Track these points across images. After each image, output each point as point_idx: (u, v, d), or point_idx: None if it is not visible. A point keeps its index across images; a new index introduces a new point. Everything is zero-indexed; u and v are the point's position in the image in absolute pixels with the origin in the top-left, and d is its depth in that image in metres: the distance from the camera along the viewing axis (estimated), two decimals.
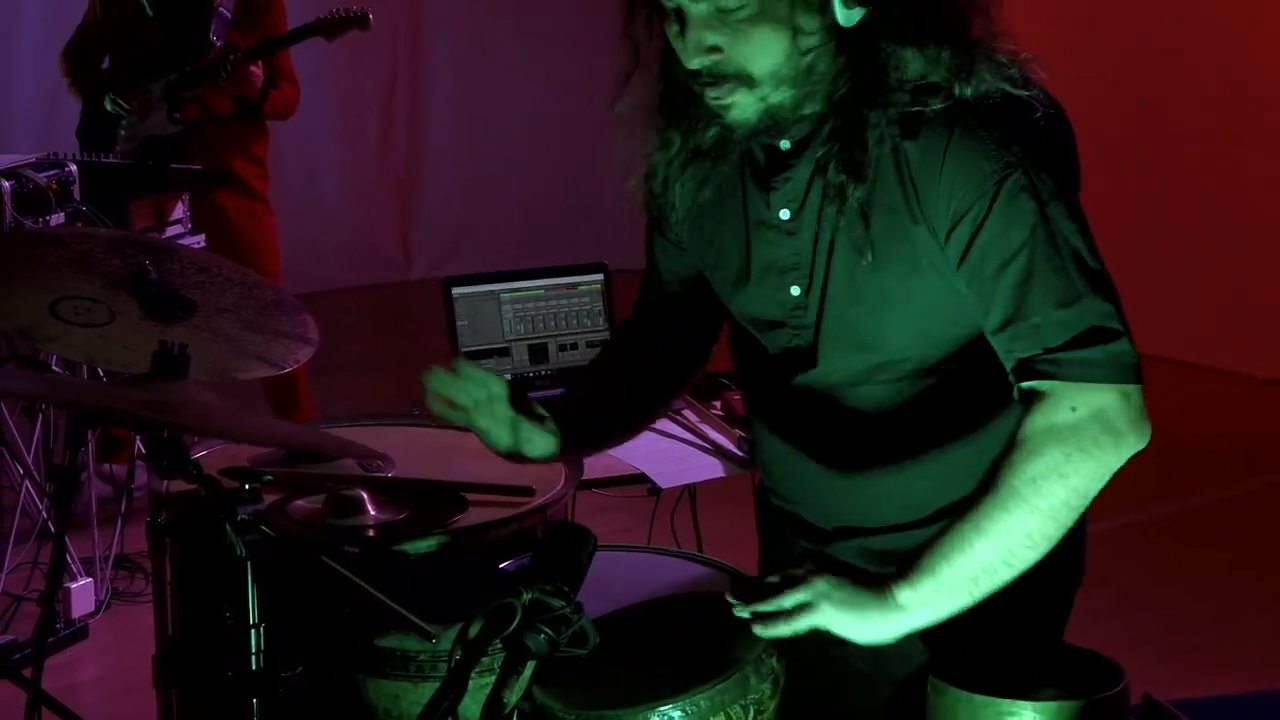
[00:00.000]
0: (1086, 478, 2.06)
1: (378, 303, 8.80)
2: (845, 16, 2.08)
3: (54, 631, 4.55)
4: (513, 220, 9.03)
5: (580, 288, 3.79)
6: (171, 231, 5.16)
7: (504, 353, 3.70)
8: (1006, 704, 1.98)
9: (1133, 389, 2.08)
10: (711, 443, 3.38)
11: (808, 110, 2.15)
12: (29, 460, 4.82)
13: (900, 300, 2.17)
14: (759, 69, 2.10)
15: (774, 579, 2.14)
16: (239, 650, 2.32)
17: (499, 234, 8.93)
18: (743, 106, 2.13)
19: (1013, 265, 2.09)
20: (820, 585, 2.09)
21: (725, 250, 2.30)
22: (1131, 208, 7.07)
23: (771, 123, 2.15)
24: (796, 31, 2.09)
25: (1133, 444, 2.08)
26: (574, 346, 3.74)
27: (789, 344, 2.26)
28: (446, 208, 9.14)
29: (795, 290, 2.23)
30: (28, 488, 4.88)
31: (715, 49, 2.11)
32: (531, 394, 2.35)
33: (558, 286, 3.77)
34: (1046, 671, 2.12)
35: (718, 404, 3.53)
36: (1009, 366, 2.12)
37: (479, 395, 2.28)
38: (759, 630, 2.09)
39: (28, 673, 2.71)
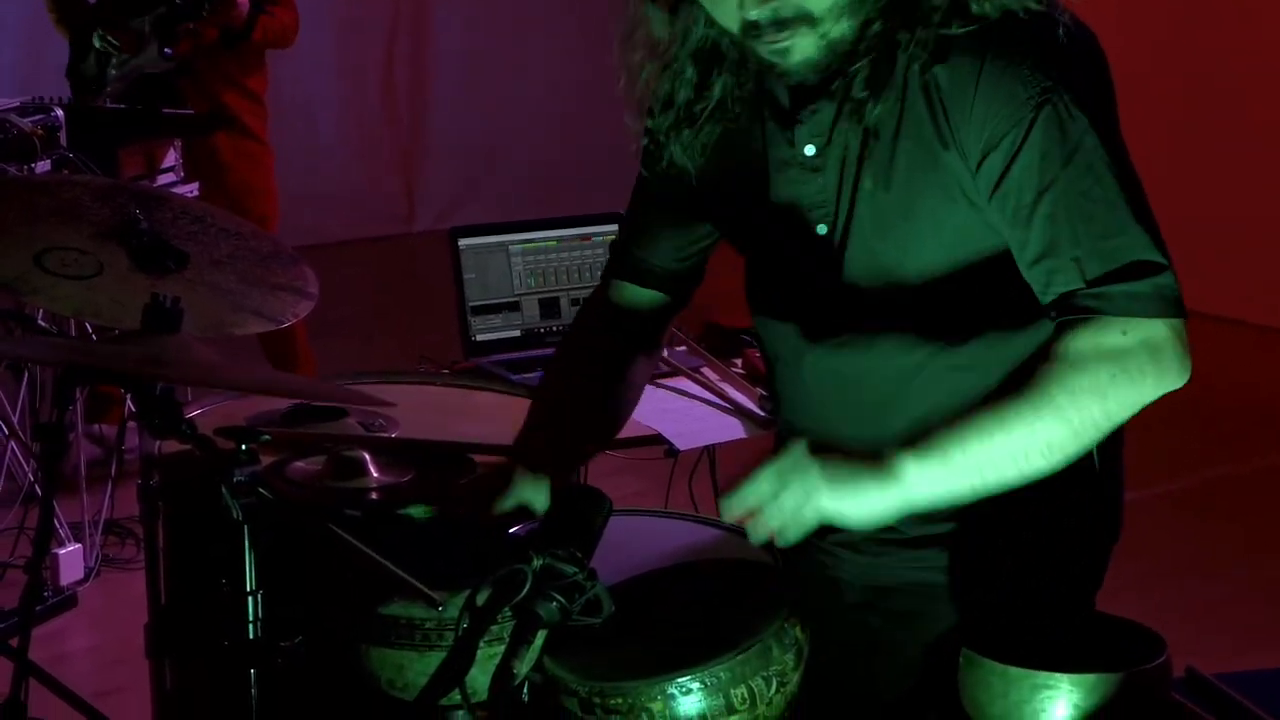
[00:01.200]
0: (1123, 402, 2.08)
1: (380, 256, 8.81)
2: None
3: (42, 600, 4.57)
4: (523, 168, 9.02)
5: (595, 239, 3.79)
6: (163, 179, 5.17)
7: (513, 307, 3.70)
8: (1042, 676, 1.99)
9: (1179, 323, 2.10)
10: (732, 402, 3.38)
11: (866, 39, 2.15)
12: (14, 420, 4.83)
13: (930, 231, 2.17)
14: (819, 6, 2.10)
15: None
16: (235, 619, 2.33)
17: (508, 183, 8.93)
18: (804, 48, 2.13)
19: (1048, 196, 2.08)
20: (805, 460, 2.06)
21: (741, 195, 2.30)
22: (1167, 155, 7.04)
23: (832, 58, 2.15)
24: None
25: (1174, 379, 2.10)
26: None
27: (813, 284, 2.26)
28: (453, 155, 9.14)
29: (822, 229, 2.23)
30: (13, 448, 4.89)
31: None
32: (539, 351, 2.34)
33: (571, 238, 3.77)
34: (1084, 642, 2.12)
35: (739, 362, 3.53)
36: (1046, 300, 2.12)
37: None
38: (751, 535, 2.08)
39: (14, 643, 2.72)
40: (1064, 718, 1.98)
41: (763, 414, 3.30)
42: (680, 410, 3.32)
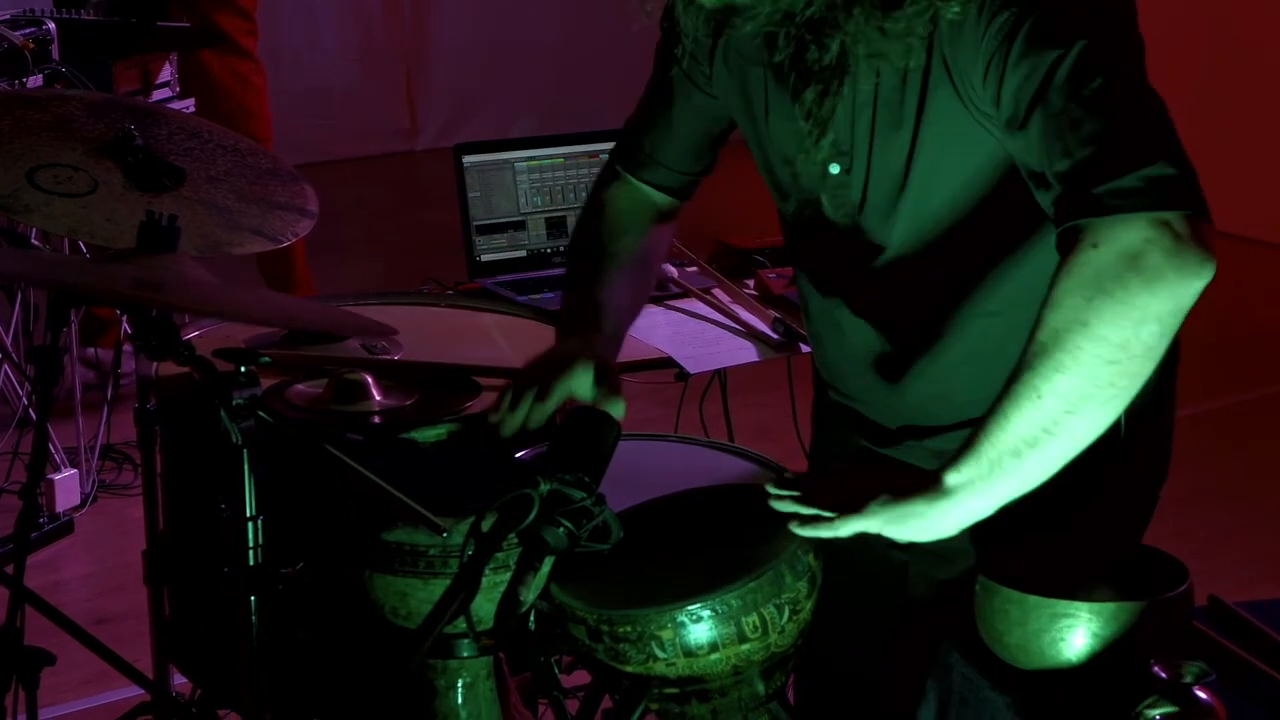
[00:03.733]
0: (1114, 325, 1.92)
1: (381, 174, 8.79)
2: None
3: (37, 526, 4.59)
4: (529, 82, 8.98)
5: (602, 156, 3.77)
6: (158, 95, 5.14)
7: (519, 226, 3.69)
8: (1061, 605, 1.99)
9: (1173, 215, 1.93)
10: (744, 324, 3.38)
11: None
12: (7, 342, 4.84)
13: (951, 169, 2.15)
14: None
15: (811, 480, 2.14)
16: (235, 545, 2.34)
17: (514, 98, 8.89)
18: None
19: (1038, 110, 2.01)
20: (874, 517, 2.04)
21: (761, 112, 2.29)
22: (1198, 72, 7.01)
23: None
24: None
25: (1176, 280, 1.92)
26: None
27: (834, 220, 2.26)
28: (457, 69, 9.10)
29: (834, 169, 2.22)
30: (7, 372, 4.90)
31: None
32: (545, 272, 2.33)
33: (578, 155, 3.75)
34: (1104, 569, 2.12)
35: (751, 283, 3.52)
36: (1055, 223, 2.03)
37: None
38: (797, 529, 2.08)
39: (10, 570, 2.73)
40: (1083, 647, 1.99)
41: (775, 336, 3.30)
42: (691, 333, 3.32)
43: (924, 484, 2.04)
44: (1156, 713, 1.88)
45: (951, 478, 2.02)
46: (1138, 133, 1.99)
